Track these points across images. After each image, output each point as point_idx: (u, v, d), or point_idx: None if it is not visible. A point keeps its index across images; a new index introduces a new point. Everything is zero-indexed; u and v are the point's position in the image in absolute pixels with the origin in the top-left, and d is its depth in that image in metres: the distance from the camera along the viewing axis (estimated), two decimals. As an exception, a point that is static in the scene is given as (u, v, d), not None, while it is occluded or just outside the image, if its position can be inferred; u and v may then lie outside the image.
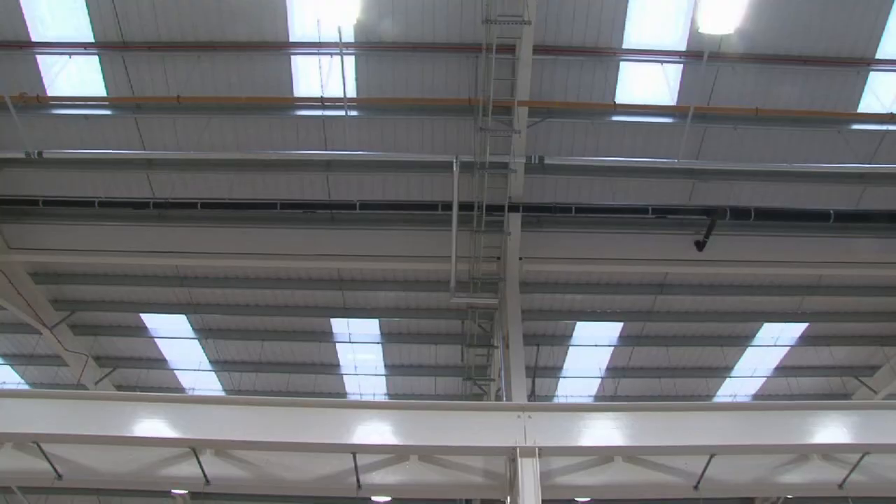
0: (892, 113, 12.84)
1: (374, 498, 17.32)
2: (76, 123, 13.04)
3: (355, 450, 9.83)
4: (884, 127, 13.12)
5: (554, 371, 17.27)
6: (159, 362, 17.72)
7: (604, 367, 17.25)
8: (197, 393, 17.78)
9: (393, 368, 17.46)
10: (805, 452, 10.51)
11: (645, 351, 16.87)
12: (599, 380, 17.58)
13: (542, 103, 12.45)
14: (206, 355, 17.41)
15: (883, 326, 16.95)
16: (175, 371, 17.97)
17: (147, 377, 18.02)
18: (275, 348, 17.09)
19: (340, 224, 14.16)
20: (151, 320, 16.67)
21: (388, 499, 17.53)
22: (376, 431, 9.89)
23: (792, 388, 17.67)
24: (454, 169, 12.45)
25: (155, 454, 10.25)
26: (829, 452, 10.53)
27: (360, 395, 18.09)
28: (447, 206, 13.00)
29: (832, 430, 10.34)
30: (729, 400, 17.99)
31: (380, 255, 14.18)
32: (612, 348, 16.83)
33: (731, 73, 12.46)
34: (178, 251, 14.27)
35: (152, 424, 9.88)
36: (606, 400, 17.42)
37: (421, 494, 11.44)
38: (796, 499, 19.98)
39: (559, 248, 14.07)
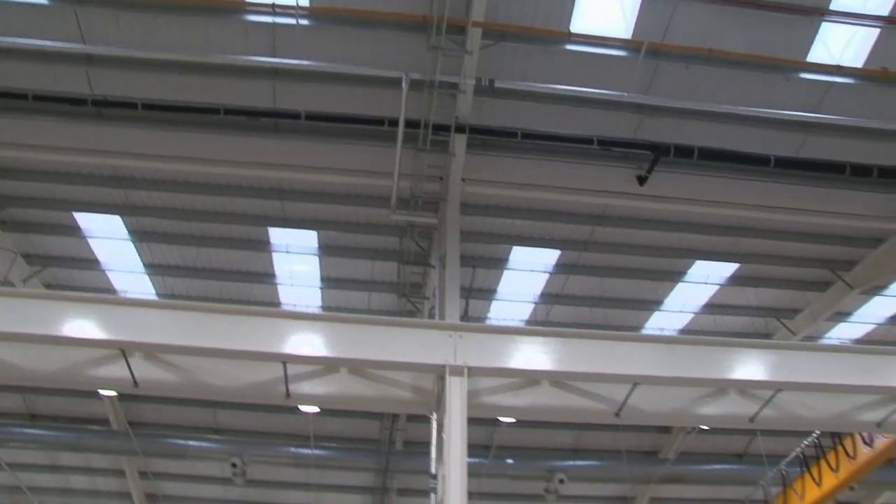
0: (839, 65, 13.03)
1: (301, 407, 17.54)
2: (11, 10, 12.48)
3: (285, 359, 9.87)
4: (830, 78, 13.34)
5: (488, 293, 17.47)
6: (91, 263, 17.43)
7: (538, 293, 17.49)
8: (129, 296, 17.60)
9: (328, 281, 17.45)
10: (723, 387, 10.90)
11: (579, 280, 17.15)
12: (532, 305, 17.84)
13: (496, 25, 12.31)
14: (141, 258, 17.17)
15: (808, 272, 17.50)
16: (107, 272, 17.71)
17: (78, 277, 17.74)
18: (210, 255, 16.92)
19: (284, 134, 13.95)
20: (85, 220, 16.31)
21: (317, 409, 17.75)
22: (308, 342, 9.93)
23: (718, 325, 18.18)
24: (403, 86, 12.31)
25: (83, 354, 10.14)
26: (744, 388, 10.94)
27: (295, 306, 18.09)
28: (394, 123, 12.89)
29: (750, 367, 10.73)
30: (656, 333, 18.43)
31: (323, 168, 14.05)
32: (547, 275, 17.05)
33: (688, 11, 12.45)
34: (116, 151, 13.92)
35: (81, 324, 9.75)
36: (538, 325, 17.69)
37: (349, 406, 11.66)
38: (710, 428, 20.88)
39: (502, 172, 14.11)
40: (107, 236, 16.58)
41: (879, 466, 19.49)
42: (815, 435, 18.52)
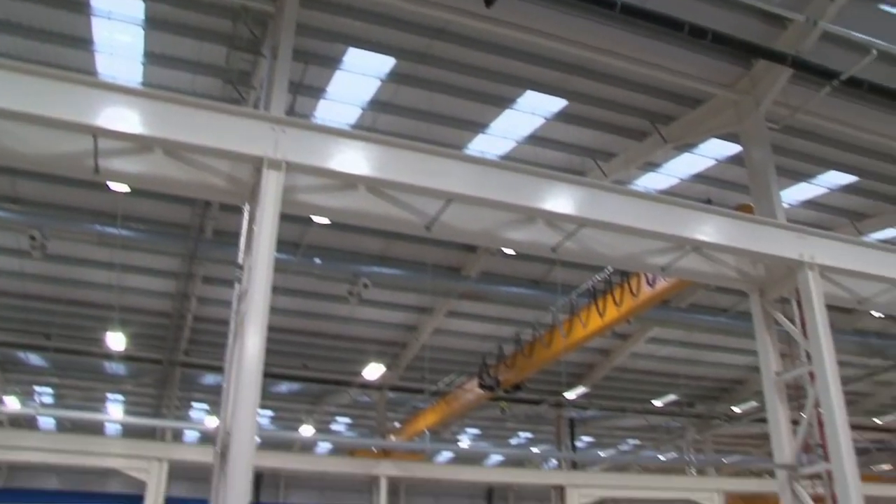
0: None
1: (111, 185, 16.95)
2: None
3: (96, 132, 9.39)
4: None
5: (317, 92, 17.03)
6: None
7: (367, 99, 17.28)
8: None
9: (152, 57, 16.39)
10: (532, 215, 11.39)
11: (410, 91, 16.99)
12: (360, 110, 17.64)
13: None
14: (-66, 0, 15.45)
15: (630, 120, 18.20)
16: None
17: None
18: (20, 9, 15.31)
19: None
20: None
21: (126, 188, 17.22)
22: (122, 117, 9.43)
23: (537, 156, 18.68)
24: None
25: None
26: (552, 219, 11.49)
27: (113, 78, 17.03)
28: None
29: (560, 199, 11.24)
30: (477, 155, 18.76)
31: (156, -68, 12.99)
32: (379, 82, 16.81)
33: None
34: None
35: None
36: (363, 131, 17.57)
37: (160, 189, 11.31)
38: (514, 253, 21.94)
39: (349, -33, 13.56)
40: None
41: (655, 305, 21.42)
42: (606, 271, 19.93)
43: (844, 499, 11.48)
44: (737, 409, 38.64)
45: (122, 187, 17.35)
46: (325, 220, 18.77)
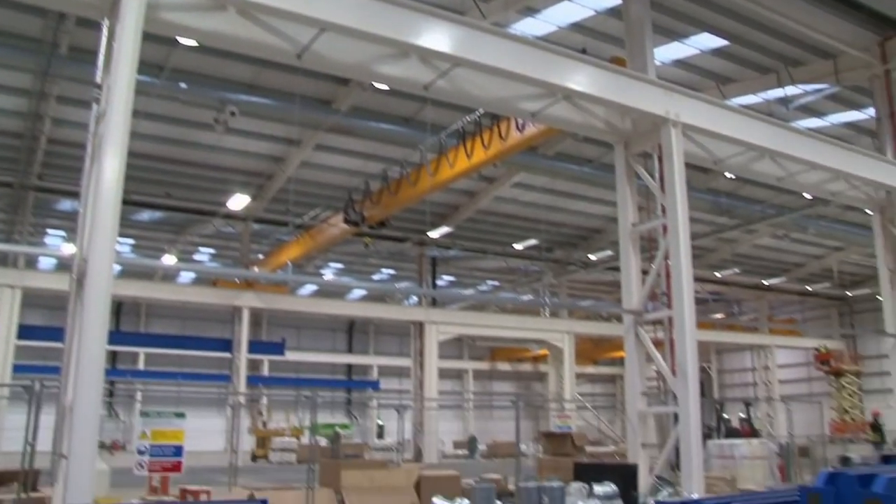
0: None
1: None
2: None
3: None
4: None
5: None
6: None
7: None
8: None
9: None
10: (406, 50, 11.18)
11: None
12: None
13: None
14: None
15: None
16: None
17: None
18: None
19: None
20: None
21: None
22: None
23: (416, -8, 18.21)
24: None
25: None
26: (426, 56, 11.33)
27: None
28: None
29: (436, 36, 11.05)
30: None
31: None
32: None
33: None
34: None
35: None
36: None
37: None
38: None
39: None
40: None
41: (523, 150, 21.79)
42: (477, 113, 20.00)
43: (680, 342, 12.36)
44: (592, 257, 40.46)
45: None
46: (191, 43, 17.86)
